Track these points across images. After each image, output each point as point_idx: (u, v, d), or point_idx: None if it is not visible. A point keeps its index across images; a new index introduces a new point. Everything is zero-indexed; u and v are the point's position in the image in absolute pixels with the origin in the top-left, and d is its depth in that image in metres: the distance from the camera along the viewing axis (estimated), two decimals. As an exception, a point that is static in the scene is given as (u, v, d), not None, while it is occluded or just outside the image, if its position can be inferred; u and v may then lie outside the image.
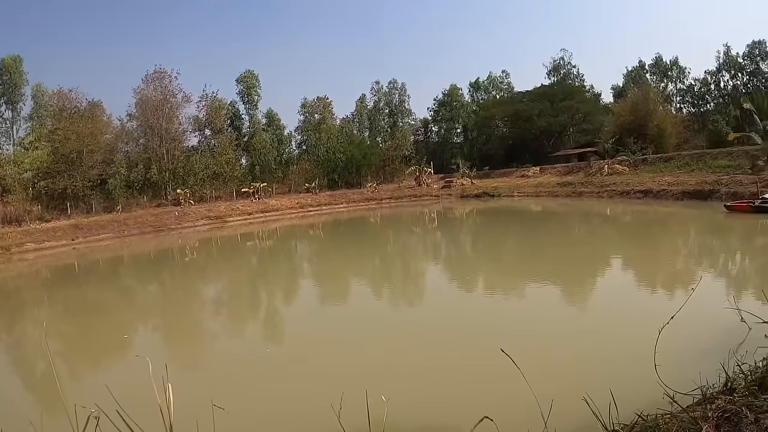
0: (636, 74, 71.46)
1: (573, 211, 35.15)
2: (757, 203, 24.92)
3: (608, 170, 46.29)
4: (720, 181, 33.71)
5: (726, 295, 9.32)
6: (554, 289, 13.11)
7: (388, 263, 20.18)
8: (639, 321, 8.64)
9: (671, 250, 18.79)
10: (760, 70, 61.20)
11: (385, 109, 78.58)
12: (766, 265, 14.94)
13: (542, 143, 69.29)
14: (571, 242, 22.17)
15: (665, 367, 4.83)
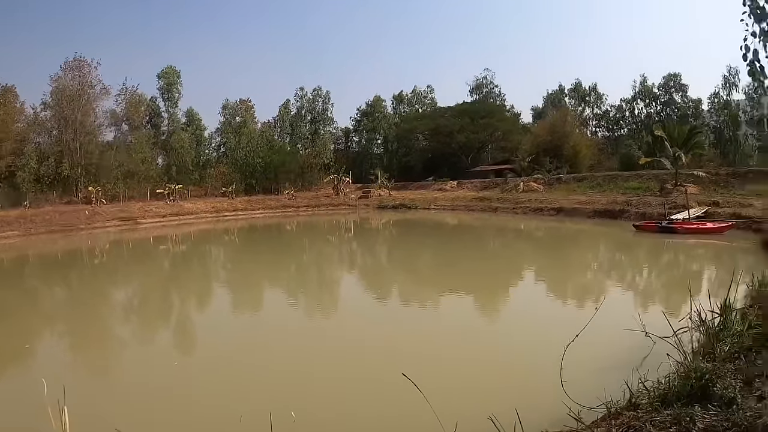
0: (555, 97, 75.84)
1: (488, 226, 36.82)
2: (663, 224, 26.07)
3: (524, 187, 48.42)
4: (630, 201, 35.49)
5: (632, 310, 9.71)
6: (466, 304, 13.36)
7: (303, 272, 20.51)
8: (548, 337, 8.71)
9: (581, 266, 19.82)
10: (674, 100, 65.80)
11: (308, 116, 78.69)
12: (670, 282, 15.64)
13: (461, 158, 72.24)
14: (486, 256, 23.04)
15: (572, 383, 5.15)
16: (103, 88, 54.82)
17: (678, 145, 38.80)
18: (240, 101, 73.75)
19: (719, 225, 24.98)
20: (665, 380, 5.16)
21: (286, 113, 78.46)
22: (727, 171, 40.28)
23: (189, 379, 8.22)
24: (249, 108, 73.78)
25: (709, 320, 6.93)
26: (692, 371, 4.95)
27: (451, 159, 72.40)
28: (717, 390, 4.67)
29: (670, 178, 38.54)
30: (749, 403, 4.44)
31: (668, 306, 11.43)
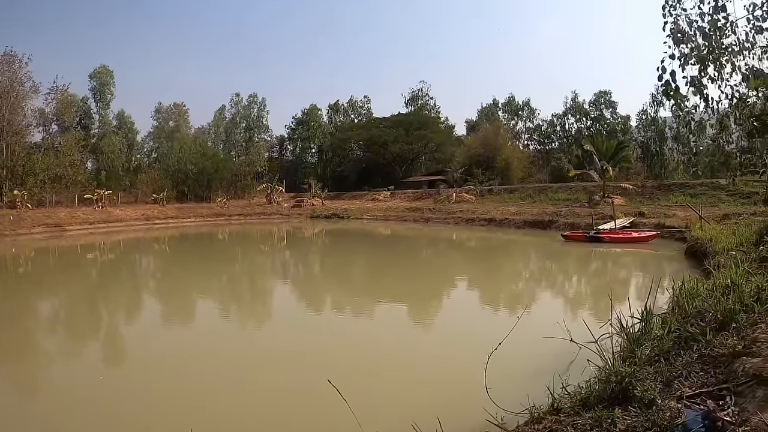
0: (489, 111, 79.49)
1: (420, 236, 37.59)
2: (591, 233, 27.19)
3: (456, 198, 49.97)
4: (559, 212, 37.09)
5: (559, 317, 9.50)
6: (396, 313, 13.56)
7: (235, 282, 20.39)
8: (476, 344, 8.68)
9: (511, 275, 20.50)
10: (603, 116, 69.97)
11: (242, 123, 78.37)
12: (596, 290, 16.09)
13: (395, 169, 74.12)
14: (418, 265, 23.49)
15: (496, 390, 5.20)
16: (33, 85, 53.07)
17: (606, 158, 41.30)
18: (174, 105, 72.85)
19: (644, 234, 26.36)
20: (587, 384, 5.29)
21: (221, 119, 77.72)
22: (653, 183, 43.26)
23: (115, 393, 8.01)
24: (183, 113, 72.86)
25: (630, 326, 7.13)
26: (613, 375, 5.12)
27: (385, 169, 74.15)
28: (637, 392, 4.74)
29: (598, 189, 40.90)
30: (669, 404, 4.48)
31: (595, 312, 11.70)
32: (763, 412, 3.96)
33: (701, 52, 6.71)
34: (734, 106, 7.36)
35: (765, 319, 6.35)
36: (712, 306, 7.41)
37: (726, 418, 3.97)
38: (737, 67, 7.04)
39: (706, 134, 8.82)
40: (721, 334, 6.23)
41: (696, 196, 36.10)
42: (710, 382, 4.97)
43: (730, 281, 8.50)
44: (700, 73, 6.75)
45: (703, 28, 6.71)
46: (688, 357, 5.80)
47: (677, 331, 6.54)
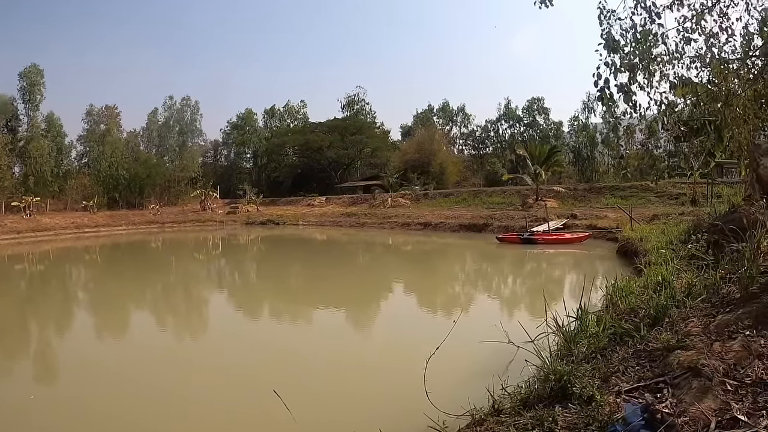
0: (424, 116, 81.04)
1: (356, 241, 38.05)
2: (525, 236, 27.99)
3: (391, 203, 50.25)
4: (493, 215, 38.15)
5: (497, 317, 10.08)
6: (334, 319, 13.64)
7: (169, 292, 20.10)
8: (414, 348, 8.78)
9: (447, 278, 20.98)
10: (536, 122, 73.04)
11: (176, 127, 75.69)
12: (532, 290, 16.53)
13: (330, 174, 74.02)
14: (354, 270, 23.75)
15: (437, 394, 5.27)
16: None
17: (539, 163, 42.86)
18: (106, 108, 69.43)
19: (577, 235, 27.41)
20: (526, 384, 5.44)
21: (154, 123, 75.05)
22: (584, 186, 45.13)
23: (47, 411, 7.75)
24: (115, 116, 69.63)
25: (566, 324, 7.28)
26: (551, 373, 5.20)
27: (321, 175, 74.00)
28: (576, 389, 4.85)
29: (532, 193, 42.23)
30: (608, 399, 4.56)
31: (531, 312, 11.96)
32: (700, 402, 4.08)
33: (632, 61, 6.99)
34: (662, 112, 7.56)
35: (696, 314, 6.61)
36: (644, 302, 7.72)
37: (664, 410, 4.06)
38: (666, 76, 7.37)
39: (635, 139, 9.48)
40: (654, 329, 6.47)
41: (626, 198, 37.86)
42: (647, 376, 5.09)
43: (661, 278, 8.89)
44: (630, 81, 7.01)
45: (635, 38, 7.02)
46: (624, 352, 5.97)
47: (612, 328, 6.72)
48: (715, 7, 7.32)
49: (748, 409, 3.89)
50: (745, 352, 4.87)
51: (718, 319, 6.09)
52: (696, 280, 8.08)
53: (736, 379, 4.40)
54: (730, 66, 7.61)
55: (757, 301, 5.93)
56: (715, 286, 7.35)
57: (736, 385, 4.29)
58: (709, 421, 3.79)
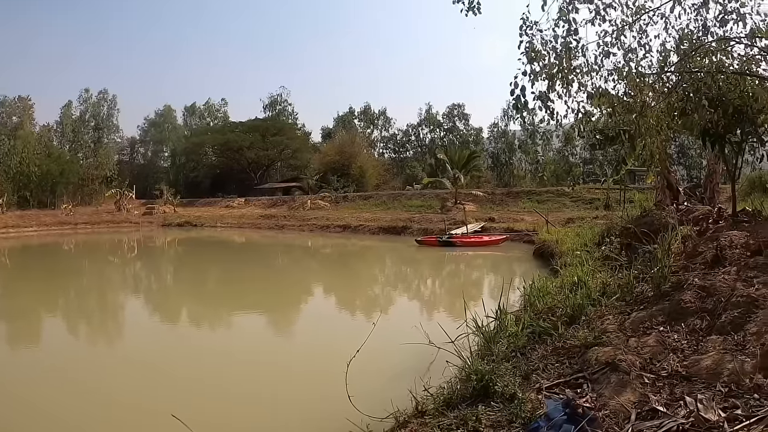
0: (346, 119, 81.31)
1: (275, 243, 37.94)
2: (443, 238, 28.41)
3: (311, 205, 50.04)
4: (413, 218, 38.53)
5: (418, 319, 10.00)
6: (253, 324, 13.46)
7: (82, 297, 19.06)
8: (335, 352, 8.44)
9: (367, 280, 21.01)
10: (456, 127, 74.95)
11: (91, 122, 72.22)
12: (451, 291, 16.77)
13: (250, 175, 72.87)
14: (274, 274, 23.55)
15: (360, 397, 5.34)
16: None
17: (458, 167, 44.12)
18: (18, 99, 65.72)
19: (495, 238, 28.22)
20: (449, 385, 5.50)
21: (68, 117, 70.98)
22: (502, 191, 46.77)
23: None
24: (28, 107, 66.15)
25: (485, 324, 7.41)
26: (473, 373, 5.29)
27: (240, 176, 72.96)
28: (498, 388, 4.93)
29: (451, 196, 43.08)
30: (529, 396, 4.67)
31: (451, 313, 12.12)
32: (619, 395, 4.22)
33: (551, 70, 7.31)
34: (579, 120, 7.98)
35: (612, 312, 6.91)
36: (561, 302, 7.98)
37: (585, 404, 4.16)
38: (584, 86, 7.75)
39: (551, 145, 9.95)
40: (572, 327, 6.73)
41: (542, 202, 39.49)
42: (566, 372, 5.26)
43: (577, 278, 9.23)
44: (548, 90, 7.38)
45: (555, 49, 7.36)
46: (543, 350, 6.16)
47: (531, 327, 6.92)
48: (635, 24, 7.82)
49: (666, 400, 4.05)
50: (660, 346, 5.11)
51: (633, 316, 6.39)
52: (610, 280, 8.47)
53: (652, 372, 4.58)
54: (646, 80, 8.11)
55: (670, 299, 6.26)
56: (629, 286, 7.70)
57: (653, 377, 4.47)
58: (629, 413, 3.92)
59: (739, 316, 5.08)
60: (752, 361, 4.15)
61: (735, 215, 9.95)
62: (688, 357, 4.74)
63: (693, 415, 3.58)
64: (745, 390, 3.80)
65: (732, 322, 5.07)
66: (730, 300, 5.43)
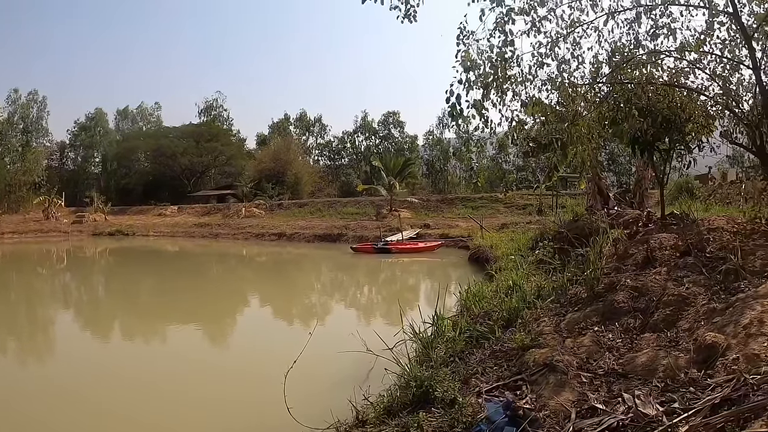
0: (281, 126, 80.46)
1: (210, 252, 37.36)
2: (379, 245, 28.56)
3: (246, 213, 49.34)
4: (348, 226, 38.56)
5: (355, 327, 9.62)
6: (187, 337, 13.02)
7: (8, 312, 17.80)
8: (272, 363, 8.25)
9: (304, 288, 20.89)
10: (391, 135, 75.42)
11: (20, 124, 67.79)
12: (387, 298, 16.84)
13: (183, 182, 70.87)
14: (208, 284, 23.09)
15: (299, 408, 5.35)
16: None
17: (393, 174, 44.33)
18: None
19: (430, 244, 28.54)
20: (388, 392, 5.52)
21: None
22: (437, 197, 47.40)
23: None
24: None
25: (423, 330, 7.51)
26: (412, 380, 5.31)
27: (173, 182, 70.73)
28: (438, 393, 4.94)
29: (386, 203, 43.37)
30: (470, 400, 4.68)
31: (388, 320, 12.03)
32: (559, 395, 4.30)
33: (486, 79, 7.45)
34: (513, 128, 8.16)
35: (547, 314, 7.07)
36: (497, 306, 8.13)
37: (526, 406, 4.23)
38: (518, 95, 7.98)
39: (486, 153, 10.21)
40: (509, 331, 6.88)
41: (477, 208, 40.26)
42: (505, 375, 5.32)
43: (512, 282, 9.44)
44: (483, 98, 7.48)
45: (491, 58, 7.49)
46: (481, 354, 6.23)
47: (468, 332, 7.00)
48: (569, 37, 8.11)
49: (605, 397, 4.15)
50: (595, 346, 5.24)
51: (568, 317, 6.55)
52: (545, 283, 8.71)
53: (589, 371, 4.69)
54: (578, 90, 8.41)
55: (603, 300, 6.45)
56: (563, 288, 7.95)
57: (590, 376, 4.58)
58: (569, 412, 3.98)
59: (671, 314, 5.30)
60: (686, 356, 4.32)
61: (664, 218, 10.40)
62: (623, 355, 4.88)
63: (632, 410, 3.66)
64: (681, 384, 3.92)
65: (664, 319, 5.28)
66: (662, 299, 5.66)
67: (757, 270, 5.64)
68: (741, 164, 12.83)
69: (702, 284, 5.77)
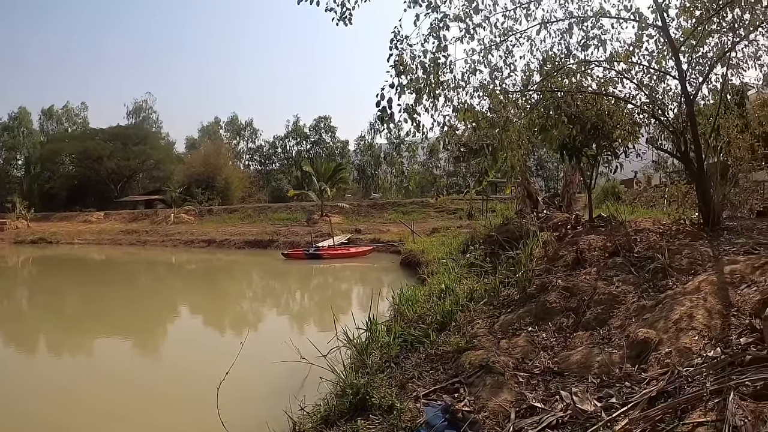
0: (211, 129, 79.65)
1: (137, 260, 36.31)
2: (310, 251, 28.41)
3: (174, 219, 48.19)
4: (279, 231, 38.09)
5: (288, 335, 9.87)
6: (116, 348, 12.53)
7: None
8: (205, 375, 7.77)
9: (235, 296, 20.65)
10: (323, 140, 75.68)
11: None
12: (320, 304, 16.62)
13: (110, 187, 68.75)
14: (136, 294, 22.15)
15: (233, 422, 5.20)
16: None
17: (324, 179, 44.30)
18: None
19: (361, 249, 28.62)
20: (325, 401, 5.47)
21: None
22: (368, 203, 47.45)
23: None
24: None
25: (357, 336, 7.44)
26: (348, 387, 5.28)
27: (99, 187, 68.39)
28: (375, 400, 4.90)
29: (317, 209, 43.35)
30: (408, 405, 4.65)
31: (321, 327, 11.89)
32: (497, 396, 4.32)
33: (419, 84, 7.56)
34: (445, 133, 8.32)
35: (481, 316, 7.14)
36: (431, 309, 8.16)
37: (464, 408, 4.23)
38: (450, 100, 8.12)
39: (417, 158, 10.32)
40: (443, 334, 6.89)
41: (408, 213, 40.69)
42: (442, 378, 5.32)
43: (444, 286, 9.50)
44: (415, 103, 7.58)
45: (424, 63, 7.59)
46: (416, 358, 6.22)
47: (402, 336, 6.99)
48: (502, 45, 8.31)
49: (542, 396, 4.21)
50: (530, 345, 5.33)
51: (502, 319, 6.65)
52: (477, 286, 8.80)
53: (526, 371, 4.76)
54: (509, 97, 8.63)
55: (536, 300, 6.59)
56: (495, 290, 8.05)
57: (527, 376, 4.64)
58: (509, 412, 4.01)
59: (602, 312, 5.48)
60: (619, 352, 4.47)
61: (592, 221, 10.79)
62: (558, 354, 4.99)
63: (570, 408, 3.73)
64: (616, 379, 4.04)
65: (596, 318, 5.45)
66: (593, 298, 5.84)
67: (683, 268, 5.92)
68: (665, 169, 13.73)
69: (631, 283, 6.01)
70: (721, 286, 4.90)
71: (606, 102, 9.24)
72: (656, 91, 9.05)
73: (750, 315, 4.25)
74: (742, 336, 3.98)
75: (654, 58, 8.84)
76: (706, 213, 7.90)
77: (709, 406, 3.09)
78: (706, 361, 3.75)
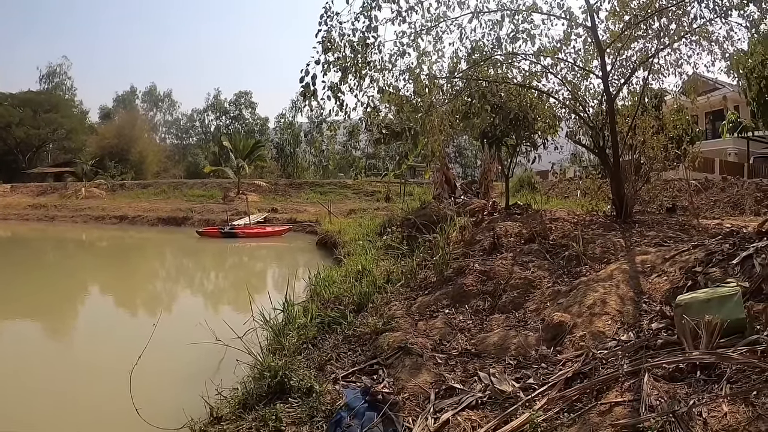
0: (127, 99, 74.94)
1: (46, 237, 34.24)
2: (226, 229, 27.78)
3: (86, 193, 45.65)
4: (194, 209, 37.24)
5: (202, 315, 9.35)
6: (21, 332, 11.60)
7: None
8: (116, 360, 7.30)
9: (147, 276, 19.96)
10: (242, 115, 72.80)
11: None
12: (235, 284, 16.34)
13: (17, 157, 63.49)
14: (45, 273, 20.69)
15: (148, 408, 4.99)
16: None
17: (242, 156, 43.18)
18: None
19: (278, 229, 28.29)
20: (242, 385, 5.36)
21: None
22: (286, 182, 46.90)
23: None
24: None
25: (273, 317, 7.33)
26: (265, 370, 5.18)
27: (6, 158, 63.06)
28: (294, 383, 4.85)
29: (234, 186, 42.31)
30: (327, 387, 4.65)
31: (237, 307, 11.64)
32: (416, 378, 4.35)
33: (346, 63, 7.45)
34: (368, 114, 8.28)
35: (398, 298, 7.19)
36: (347, 290, 8.14)
37: (384, 390, 4.23)
38: (376, 81, 8.05)
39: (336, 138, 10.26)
40: (360, 315, 6.90)
41: (325, 193, 40.42)
42: (360, 360, 5.33)
43: (361, 267, 9.51)
44: (340, 81, 7.49)
45: (352, 42, 7.47)
46: (334, 340, 6.21)
47: (319, 317, 6.94)
48: (433, 30, 8.29)
49: (461, 377, 4.28)
50: (447, 327, 5.41)
51: (419, 301, 6.71)
52: (394, 268, 8.85)
53: (444, 352, 4.83)
54: (435, 82, 8.65)
55: (453, 283, 6.70)
56: (412, 272, 8.13)
57: (445, 357, 4.71)
58: (428, 393, 4.05)
59: (518, 296, 5.65)
60: (535, 334, 4.63)
61: (508, 208, 11.13)
62: (475, 336, 5.10)
63: (489, 388, 3.80)
64: (533, 361, 4.18)
65: (512, 301, 5.62)
66: (509, 282, 6.01)
67: (597, 256, 6.21)
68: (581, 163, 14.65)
69: (546, 269, 6.24)
70: (632, 275, 5.17)
71: (530, 95, 9.52)
72: (579, 88, 9.44)
73: (661, 302, 4.50)
74: (653, 321, 4.20)
75: (580, 57, 9.18)
76: (619, 206, 8.33)
77: (625, 387, 3.23)
78: (620, 344, 3.93)
